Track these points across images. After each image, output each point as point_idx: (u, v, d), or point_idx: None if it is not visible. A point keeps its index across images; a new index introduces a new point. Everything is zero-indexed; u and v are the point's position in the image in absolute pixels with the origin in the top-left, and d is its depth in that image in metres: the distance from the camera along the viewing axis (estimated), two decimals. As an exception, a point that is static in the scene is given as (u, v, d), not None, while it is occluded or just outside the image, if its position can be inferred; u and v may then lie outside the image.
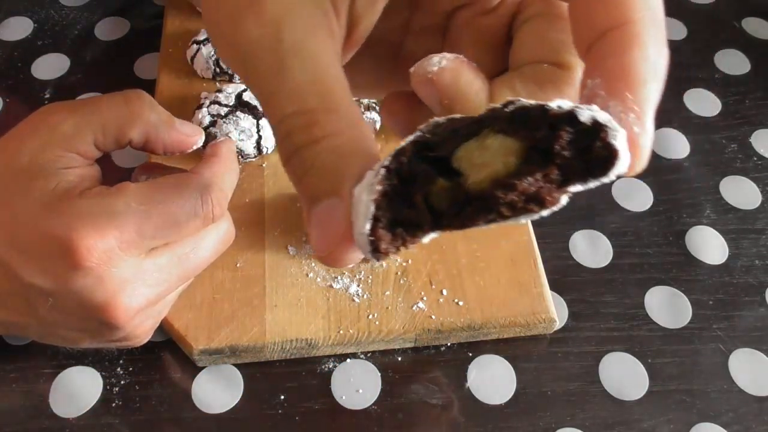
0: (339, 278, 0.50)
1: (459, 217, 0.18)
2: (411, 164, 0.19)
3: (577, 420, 0.47)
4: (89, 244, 0.34)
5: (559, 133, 0.17)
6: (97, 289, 0.35)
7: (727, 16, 0.73)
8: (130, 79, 0.65)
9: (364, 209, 0.19)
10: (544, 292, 0.50)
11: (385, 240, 0.19)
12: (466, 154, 0.18)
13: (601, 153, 0.17)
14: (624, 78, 0.19)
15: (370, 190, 0.19)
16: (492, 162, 0.18)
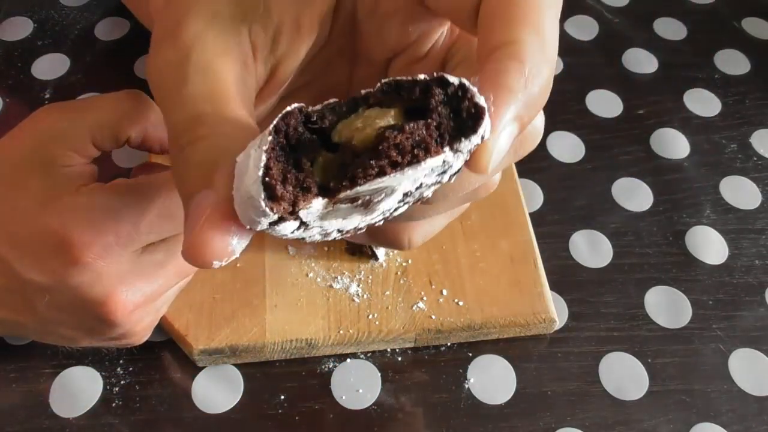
0: (339, 278, 0.50)
1: (349, 175, 0.18)
2: (297, 129, 0.19)
3: (577, 420, 0.47)
4: (86, 240, 0.34)
5: (433, 90, 0.19)
6: (95, 285, 0.35)
7: (727, 16, 0.73)
8: (130, 79, 0.65)
9: (254, 161, 0.18)
10: (544, 292, 0.50)
11: (279, 184, 0.18)
12: (346, 126, 0.19)
13: (470, 111, 0.19)
14: (492, 82, 0.20)
15: (260, 144, 0.19)
16: (373, 125, 0.19)
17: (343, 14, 0.28)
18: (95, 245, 0.34)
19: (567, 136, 0.62)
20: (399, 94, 0.20)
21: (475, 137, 0.19)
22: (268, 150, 0.19)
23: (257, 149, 0.19)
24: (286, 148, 0.19)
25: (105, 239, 0.34)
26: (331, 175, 0.19)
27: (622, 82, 0.67)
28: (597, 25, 0.72)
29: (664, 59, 0.69)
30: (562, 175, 0.60)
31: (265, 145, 0.19)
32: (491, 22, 0.22)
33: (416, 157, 0.18)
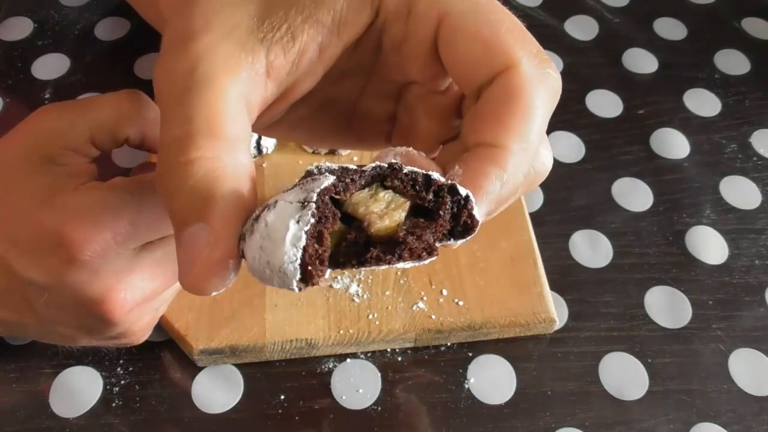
0: (339, 278, 0.50)
1: (359, 257, 0.21)
2: (327, 204, 0.20)
3: (577, 420, 0.47)
4: (83, 238, 0.33)
5: (444, 200, 0.21)
6: (93, 283, 0.35)
7: (727, 16, 0.73)
8: (130, 79, 0.65)
9: (292, 238, 0.19)
10: (544, 292, 0.50)
11: (315, 265, 0.20)
12: (361, 203, 0.21)
13: (467, 221, 0.22)
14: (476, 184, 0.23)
15: (299, 218, 0.20)
16: (390, 214, 0.21)
17: (367, 44, 0.28)
18: (93, 243, 0.33)
19: (567, 136, 0.62)
20: (414, 188, 0.22)
21: (463, 241, 0.22)
22: (309, 231, 0.19)
23: (296, 225, 0.19)
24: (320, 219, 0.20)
25: (103, 237, 0.33)
26: (341, 249, 0.21)
27: (622, 82, 0.67)
28: (597, 25, 0.72)
29: (664, 59, 0.69)
30: (562, 175, 0.60)
31: (306, 225, 0.19)
32: (486, 116, 0.24)
33: (420, 258, 0.21)
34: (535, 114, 0.24)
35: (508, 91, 0.24)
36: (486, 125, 0.24)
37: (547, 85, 0.25)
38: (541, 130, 0.25)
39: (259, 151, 0.55)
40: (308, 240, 0.20)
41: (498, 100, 0.24)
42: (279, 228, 0.20)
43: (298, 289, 0.20)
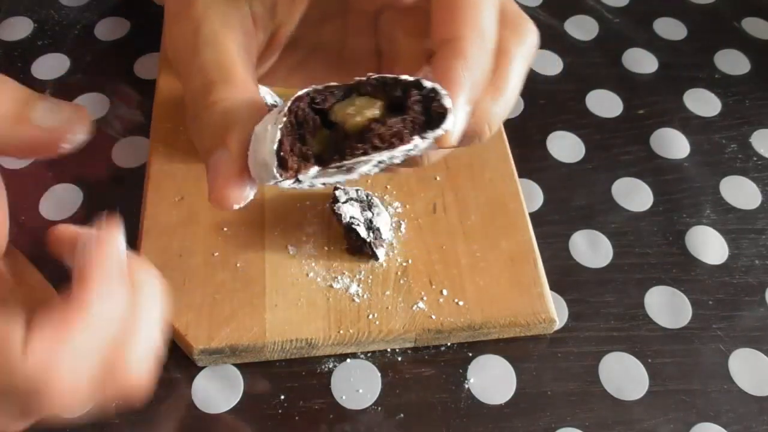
0: (339, 278, 0.50)
1: (339, 150, 0.24)
2: (305, 110, 0.25)
3: (577, 420, 0.47)
4: None
5: (411, 92, 0.24)
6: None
7: (727, 16, 0.73)
8: (130, 79, 0.65)
9: (271, 135, 0.24)
10: (544, 292, 0.50)
11: (289, 155, 0.24)
12: (340, 109, 0.25)
13: (438, 110, 0.24)
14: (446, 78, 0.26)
15: (275, 121, 0.24)
16: (361, 113, 0.24)
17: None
18: None
19: (567, 136, 0.62)
20: (384, 89, 0.25)
21: (440, 130, 0.25)
22: (282, 128, 0.24)
23: (273, 126, 0.24)
24: (294, 124, 0.24)
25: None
26: (326, 149, 0.25)
27: (622, 82, 0.67)
28: (597, 25, 0.72)
29: (664, 59, 0.69)
30: (562, 175, 0.60)
31: (280, 123, 0.24)
32: (440, 17, 0.27)
33: (392, 144, 0.24)
34: (483, 3, 0.27)
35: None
36: (441, 23, 0.27)
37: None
38: (491, 19, 0.27)
39: None
40: (283, 135, 0.24)
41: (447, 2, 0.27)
42: (261, 131, 0.24)
43: (279, 175, 0.24)
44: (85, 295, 0.25)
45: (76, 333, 0.24)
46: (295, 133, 0.24)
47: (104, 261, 0.26)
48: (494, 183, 0.56)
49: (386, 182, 0.56)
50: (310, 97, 0.25)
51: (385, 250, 0.52)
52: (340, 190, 0.53)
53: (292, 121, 0.24)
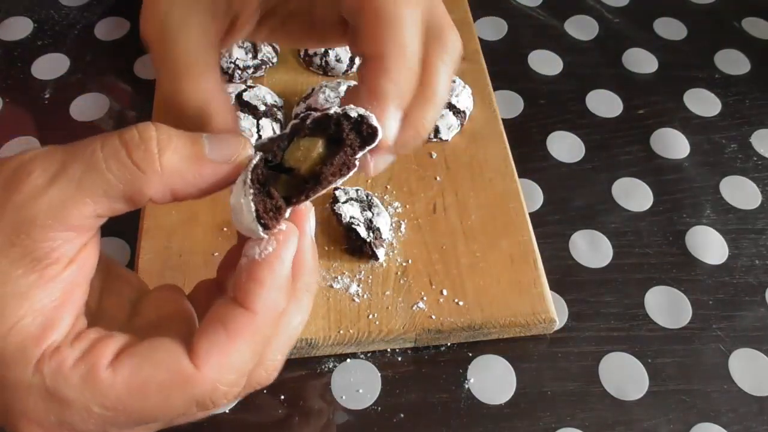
0: (339, 278, 0.50)
1: (303, 192, 0.28)
2: (263, 172, 0.28)
3: (577, 420, 0.47)
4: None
5: (343, 126, 0.28)
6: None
7: (727, 16, 0.73)
8: (130, 79, 0.65)
9: (246, 208, 0.27)
10: (544, 292, 0.50)
11: (267, 218, 0.28)
12: (290, 156, 0.29)
13: (368, 130, 0.29)
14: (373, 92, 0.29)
15: (245, 194, 0.28)
16: (309, 155, 0.29)
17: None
18: None
19: (567, 136, 0.62)
20: (320, 128, 0.29)
21: (374, 144, 0.29)
22: (254, 200, 0.27)
23: (245, 198, 0.27)
24: (260, 189, 0.28)
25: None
26: (290, 191, 0.29)
27: (622, 82, 0.67)
28: (597, 25, 0.72)
29: (664, 59, 0.69)
30: (562, 175, 0.60)
31: (250, 196, 0.27)
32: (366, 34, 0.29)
33: (343, 174, 0.29)
34: (401, 20, 0.29)
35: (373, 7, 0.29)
36: (367, 40, 0.29)
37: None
38: (412, 32, 0.29)
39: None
40: (256, 203, 0.27)
41: (369, 15, 0.29)
42: (236, 205, 0.28)
43: (265, 235, 0.28)
44: (256, 305, 0.26)
45: (243, 344, 0.26)
46: (263, 195, 0.28)
47: (279, 269, 0.27)
48: (494, 183, 0.56)
49: (386, 182, 0.56)
50: (263, 159, 0.28)
51: (385, 250, 0.51)
52: (340, 190, 0.53)
53: (258, 188, 0.28)
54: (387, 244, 0.52)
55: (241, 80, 0.61)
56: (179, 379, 0.26)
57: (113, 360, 0.26)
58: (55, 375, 0.25)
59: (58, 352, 0.25)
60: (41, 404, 0.25)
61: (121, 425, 0.26)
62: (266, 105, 0.57)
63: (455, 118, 0.58)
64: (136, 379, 0.25)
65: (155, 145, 0.27)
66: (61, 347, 0.25)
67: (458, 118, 0.58)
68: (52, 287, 0.26)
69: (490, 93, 0.62)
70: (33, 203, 0.25)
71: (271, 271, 0.27)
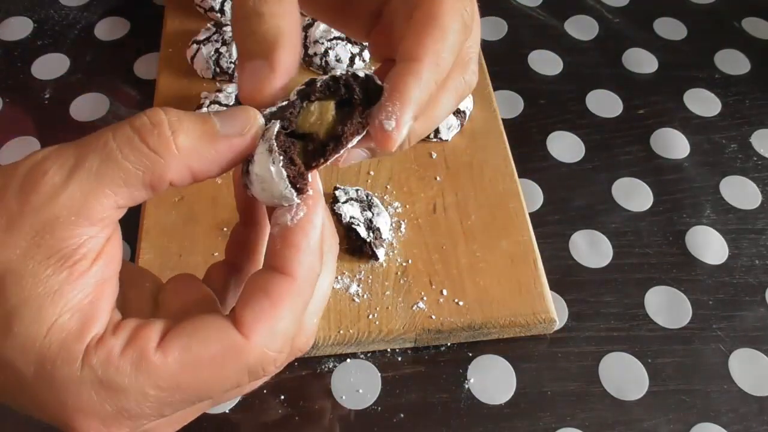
0: (339, 278, 0.50)
1: (323, 155, 0.29)
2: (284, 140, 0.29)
3: (577, 420, 0.47)
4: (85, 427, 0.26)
5: (354, 88, 0.29)
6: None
7: (727, 16, 0.73)
8: (130, 79, 0.65)
9: (277, 176, 0.28)
10: (544, 292, 0.50)
11: (301, 183, 0.28)
12: (304, 122, 0.29)
13: (375, 88, 0.29)
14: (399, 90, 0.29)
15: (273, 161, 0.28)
16: (324, 118, 0.29)
17: None
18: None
19: (567, 136, 0.62)
20: (330, 90, 0.29)
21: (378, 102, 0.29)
22: (284, 167, 0.28)
23: (275, 166, 0.28)
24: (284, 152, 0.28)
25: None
26: (306, 156, 0.29)
27: (622, 82, 0.67)
28: (597, 25, 0.72)
29: (664, 59, 0.69)
30: (562, 175, 0.60)
31: (280, 162, 0.28)
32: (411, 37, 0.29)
33: (359, 132, 0.29)
34: (448, 36, 0.30)
35: (430, 15, 0.29)
36: (410, 43, 0.29)
37: (461, 17, 0.30)
38: (453, 50, 0.30)
39: None
40: (286, 170, 0.28)
41: (421, 22, 0.29)
42: (265, 174, 0.28)
43: (299, 200, 0.28)
44: (295, 270, 0.27)
45: (287, 310, 0.27)
46: (288, 162, 0.28)
47: (312, 233, 0.28)
48: (494, 183, 0.56)
49: (386, 182, 0.56)
50: (281, 127, 0.29)
51: (385, 250, 0.51)
52: (340, 190, 0.53)
53: (283, 155, 0.28)
54: (387, 244, 0.52)
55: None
56: (231, 350, 0.26)
57: (160, 343, 0.26)
58: (105, 365, 0.25)
59: (103, 343, 0.25)
60: (95, 396, 0.25)
61: (176, 405, 0.27)
62: None
63: (455, 118, 0.58)
64: (188, 356, 0.26)
65: (167, 128, 0.27)
66: (104, 338, 0.26)
67: (458, 118, 0.58)
68: (83, 283, 0.26)
69: (490, 93, 0.62)
70: (53, 202, 0.25)
71: (305, 235, 0.27)
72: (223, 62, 0.61)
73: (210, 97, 0.57)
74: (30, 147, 0.60)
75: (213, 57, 0.61)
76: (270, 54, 0.28)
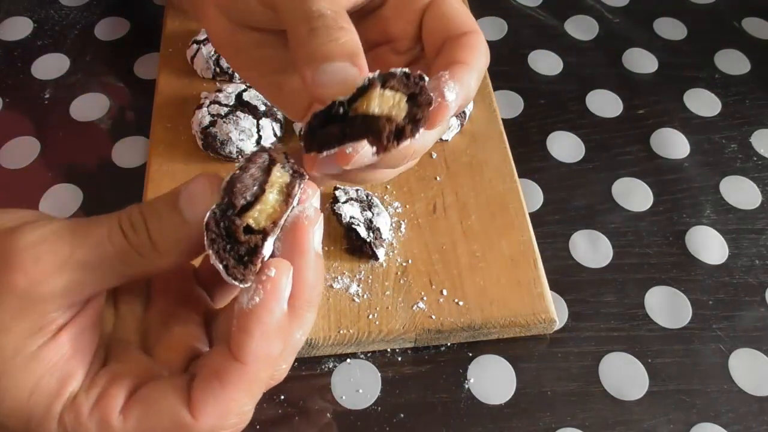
0: (339, 278, 0.50)
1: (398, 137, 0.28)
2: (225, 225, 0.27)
3: (577, 420, 0.47)
4: None
5: (424, 89, 0.29)
6: None
7: (727, 16, 0.73)
8: (130, 79, 0.65)
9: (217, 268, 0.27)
10: (544, 292, 0.50)
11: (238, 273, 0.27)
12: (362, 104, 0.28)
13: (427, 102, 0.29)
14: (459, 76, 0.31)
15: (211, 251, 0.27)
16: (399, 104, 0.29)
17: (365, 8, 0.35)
18: None
19: (567, 136, 0.62)
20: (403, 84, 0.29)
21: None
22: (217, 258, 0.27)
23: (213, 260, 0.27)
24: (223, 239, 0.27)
25: None
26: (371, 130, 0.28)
27: (622, 82, 0.67)
28: (597, 25, 0.72)
29: (664, 59, 0.69)
30: (562, 175, 0.60)
31: (212, 256, 0.26)
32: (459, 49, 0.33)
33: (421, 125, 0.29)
34: (483, 55, 0.34)
35: (476, 41, 0.34)
36: (460, 52, 0.33)
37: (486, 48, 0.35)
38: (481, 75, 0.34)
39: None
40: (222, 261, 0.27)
41: (467, 44, 0.33)
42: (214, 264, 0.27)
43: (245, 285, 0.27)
44: (246, 358, 0.27)
45: (238, 393, 0.27)
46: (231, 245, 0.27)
47: (266, 318, 0.27)
48: (494, 183, 0.56)
49: (386, 182, 0.56)
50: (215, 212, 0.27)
51: (385, 250, 0.51)
52: (340, 190, 0.53)
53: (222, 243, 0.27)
54: (387, 244, 0.52)
55: (242, 80, 0.61)
56: (179, 427, 0.28)
57: (124, 406, 0.28)
58: (75, 425, 0.27)
59: (75, 403, 0.28)
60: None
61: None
62: (266, 105, 0.57)
63: (455, 118, 0.58)
64: (143, 427, 0.27)
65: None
66: (77, 397, 0.28)
67: (458, 118, 0.58)
68: (60, 344, 0.28)
69: (490, 93, 0.62)
70: (42, 287, 0.27)
71: (258, 322, 0.27)
72: (223, 62, 0.61)
73: (210, 97, 0.57)
74: (30, 147, 0.60)
75: (213, 57, 0.61)
76: (355, 58, 0.30)
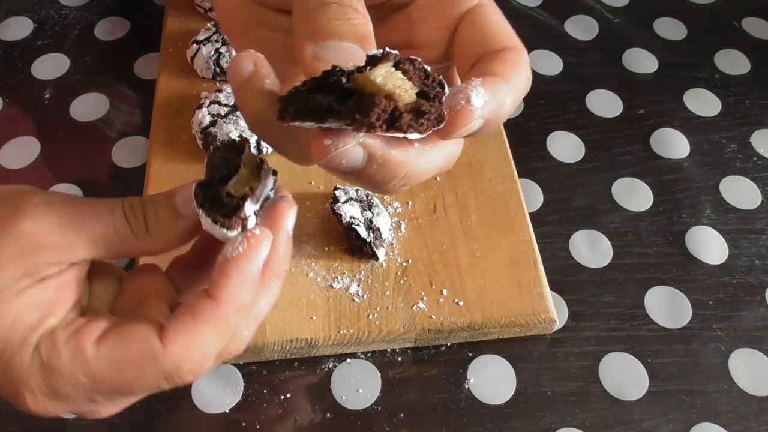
0: (339, 278, 0.50)
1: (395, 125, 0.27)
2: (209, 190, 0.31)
3: (577, 420, 0.47)
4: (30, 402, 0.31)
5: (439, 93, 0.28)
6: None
7: (727, 16, 0.73)
8: (130, 79, 0.65)
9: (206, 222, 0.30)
10: (544, 292, 0.50)
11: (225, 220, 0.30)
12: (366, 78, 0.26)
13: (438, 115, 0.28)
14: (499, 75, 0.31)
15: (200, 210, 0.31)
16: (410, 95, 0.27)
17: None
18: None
19: (567, 136, 0.62)
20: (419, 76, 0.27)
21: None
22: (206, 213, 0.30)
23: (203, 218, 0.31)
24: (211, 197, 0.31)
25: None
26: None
27: (622, 82, 0.67)
28: (597, 25, 0.72)
29: (664, 59, 0.69)
30: (562, 175, 0.60)
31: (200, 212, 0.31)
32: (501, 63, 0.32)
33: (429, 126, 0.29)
34: (524, 77, 0.34)
35: (517, 58, 0.33)
36: (498, 66, 0.32)
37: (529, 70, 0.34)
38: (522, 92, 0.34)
39: (259, 150, 0.56)
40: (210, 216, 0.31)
41: (508, 59, 0.33)
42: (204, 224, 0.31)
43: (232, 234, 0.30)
44: (220, 296, 0.30)
45: (208, 328, 0.30)
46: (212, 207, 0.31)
47: (246, 267, 0.30)
48: (494, 183, 0.56)
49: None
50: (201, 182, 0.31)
51: (385, 250, 0.51)
52: (340, 190, 0.53)
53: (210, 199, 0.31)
54: (387, 244, 0.52)
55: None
56: (149, 355, 0.30)
57: (98, 338, 0.30)
58: (50, 350, 0.29)
59: (53, 334, 0.30)
60: (40, 377, 0.30)
61: (104, 395, 0.31)
62: None
63: (455, 118, 0.58)
64: (114, 354, 0.29)
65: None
66: (55, 329, 0.30)
67: (458, 118, 0.58)
68: (45, 288, 0.30)
69: (490, 93, 0.62)
70: (44, 239, 0.30)
71: (237, 267, 0.30)
72: (223, 62, 0.61)
73: (210, 97, 0.57)
74: (30, 147, 0.60)
75: (213, 57, 0.61)
76: (365, 42, 0.30)
